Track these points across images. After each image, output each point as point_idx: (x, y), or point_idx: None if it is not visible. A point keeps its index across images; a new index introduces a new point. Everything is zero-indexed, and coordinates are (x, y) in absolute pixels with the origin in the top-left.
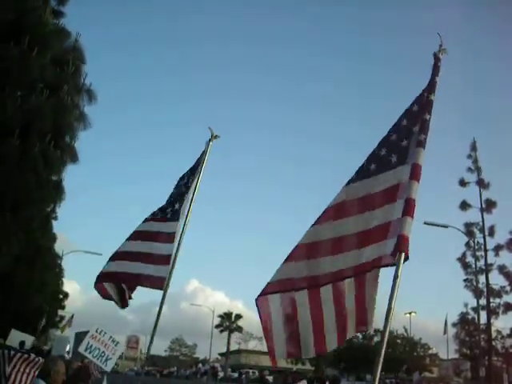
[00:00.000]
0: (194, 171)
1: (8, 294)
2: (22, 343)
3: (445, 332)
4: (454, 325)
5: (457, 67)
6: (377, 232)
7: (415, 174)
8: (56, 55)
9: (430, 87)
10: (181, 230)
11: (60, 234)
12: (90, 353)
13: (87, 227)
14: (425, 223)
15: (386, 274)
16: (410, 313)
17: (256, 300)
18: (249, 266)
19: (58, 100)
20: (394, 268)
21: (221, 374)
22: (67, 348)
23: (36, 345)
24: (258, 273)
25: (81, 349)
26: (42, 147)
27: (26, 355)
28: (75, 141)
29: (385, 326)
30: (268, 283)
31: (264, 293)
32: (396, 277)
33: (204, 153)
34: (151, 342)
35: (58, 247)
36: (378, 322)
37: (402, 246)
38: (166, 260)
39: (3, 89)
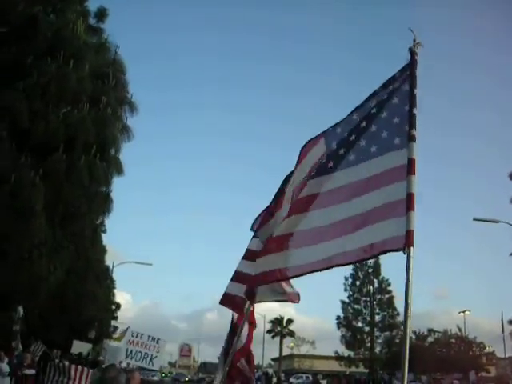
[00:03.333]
0: None
1: (61, 306)
2: (80, 354)
3: (503, 330)
4: (511, 322)
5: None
6: (375, 214)
7: (412, 168)
8: (95, 68)
9: (412, 81)
10: None
11: (109, 246)
12: (132, 358)
13: (135, 237)
14: (474, 219)
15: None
16: (463, 311)
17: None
18: None
19: (100, 113)
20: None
21: (274, 380)
22: (121, 358)
23: (92, 355)
24: (307, 276)
25: (120, 356)
26: (87, 160)
27: (80, 367)
28: (120, 153)
29: (404, 322)
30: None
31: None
32: (408, 270)
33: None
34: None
35: (109, 259)
36: (430, 321)
37: (411, 240)
38: None
39: (46, 105)
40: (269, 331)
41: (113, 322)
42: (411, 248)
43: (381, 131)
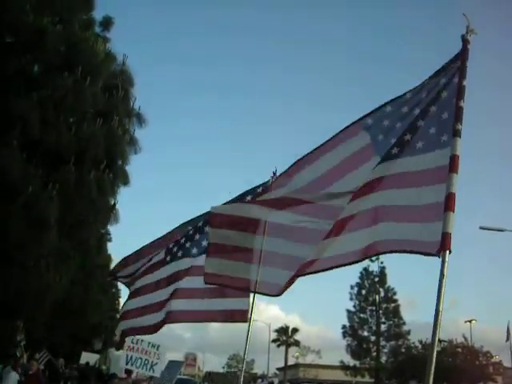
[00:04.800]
0: None
1: (66, 314)
2: (87, 363)
3: (507, 339)
4: None
5: None
6: (412, 212)
7: (454, 166)
8: (106, 81)
9: (461, 72)
10: None
11: (114, 255)
12: (132, 365)
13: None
14: (480, 228)
15: (431, 273)
16: (470, 321)
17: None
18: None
19: (110, 127)
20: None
21: None
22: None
23: (98, 364)
24: (312, 285)
25: (122, 363)
26: (96, 173)
27: None
28: (127, 164)
29: (434, 330)
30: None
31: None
32: (442, 276)
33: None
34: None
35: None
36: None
37: (447, 244)
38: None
39: (58, 117)
40: (274, 340)
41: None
42: (446, 252)
43: (428, 127)
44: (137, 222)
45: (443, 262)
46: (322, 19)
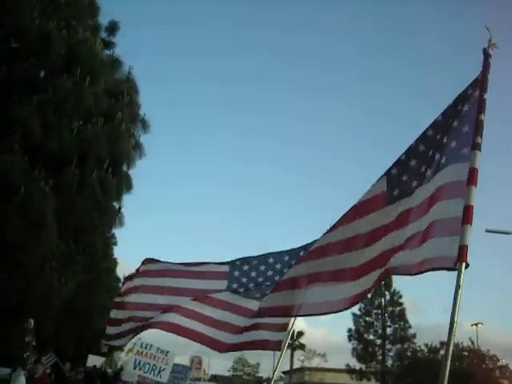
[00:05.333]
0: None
1: (72, 318)
2: (94, 366)
3: None
4: None
5: None
6: (431, 229)
7: (473, 179)
8: (110, 85)
9: (482, 85)
10: None
11: (120, 259)
12: (140, 369)
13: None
14: (486, 231)
15: (444, 285)
16: (476, 324)
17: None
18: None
19: (113, 129)
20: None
21: None
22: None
23: (104, 367)
24: None
25: (130, 368)
26: (99, 175)
27: None
28: (131, 168)
29: (448, 340)
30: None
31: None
32: (458, 287)
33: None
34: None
35: (119, 271)
36: (440, 334)
37: (464, 256)
38: None
39: (60, 120)
40: None
41: None
42: (463, 264)
43: (450, 141)
44: (142, 227)
45: (459, 273)
46: None
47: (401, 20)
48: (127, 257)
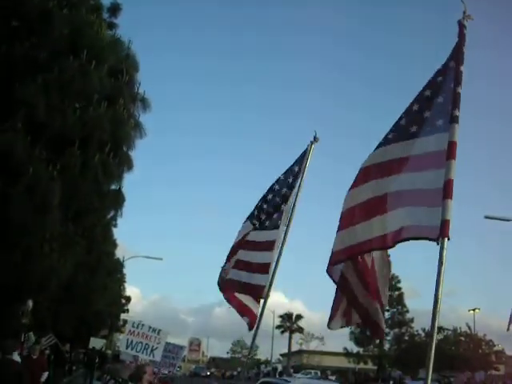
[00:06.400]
0: (293, 175)
1: (71, 299)
2: (94, 348)
3: (508, 328)
4: None
5: None
6: (409, 196)
7: (452, 152)
8: (111, 66)
9: (458, 57)
10: (281, 238)
11: (119, 240)
12: (132, 349)
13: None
14: (485, 217)
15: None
16: (473, 309)
17: (327, 271)
18: (306, 263)
19: (115, 111)
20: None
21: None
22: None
23: (104, 349)
24: (317, 272)
25: (122, 348)
26: (101, 157)
27: None
28: (132, 149)
29: (433, 318)
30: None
31: (331, 262)
32: (441, 263)
33: (305, 156)
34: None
35: (119, 253)
36: (440, 318)
37: (446, 231)
38: (264, 268)
39: (62, 101)
40: (278, 327)
41: (122, 316)
42: (445, 239)
43: (423, 111)
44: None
45: (442, 248)
46: None
47: None
48: (128, 238)
